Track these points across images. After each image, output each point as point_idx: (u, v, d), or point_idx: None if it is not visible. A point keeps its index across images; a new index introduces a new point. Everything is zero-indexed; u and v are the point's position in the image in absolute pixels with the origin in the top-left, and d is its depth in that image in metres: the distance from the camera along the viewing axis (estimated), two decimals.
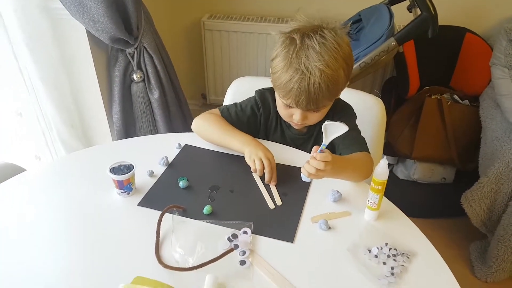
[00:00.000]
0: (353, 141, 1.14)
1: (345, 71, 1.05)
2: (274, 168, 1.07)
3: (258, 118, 1.24)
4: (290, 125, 1.21)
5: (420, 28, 1.60)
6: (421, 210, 2.07)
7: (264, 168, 1.05)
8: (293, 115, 1.11)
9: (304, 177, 1.03)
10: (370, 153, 1.13)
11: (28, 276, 0.84)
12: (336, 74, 1.01)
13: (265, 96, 1.22)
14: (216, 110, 1.23)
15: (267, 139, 1.25)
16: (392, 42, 1.63)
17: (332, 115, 1.16)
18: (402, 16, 1.87)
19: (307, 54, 0.99)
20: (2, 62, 1.60)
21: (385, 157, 0.91)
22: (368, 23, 1.88)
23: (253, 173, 1.09)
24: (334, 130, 0.94)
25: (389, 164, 2.28)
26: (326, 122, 0.93)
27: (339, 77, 1.03)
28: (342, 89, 1.10)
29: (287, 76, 1.02)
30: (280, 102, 1.13)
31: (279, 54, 1.05)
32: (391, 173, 2.29)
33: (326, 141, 0.94)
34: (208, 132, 1.19)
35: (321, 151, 0.93)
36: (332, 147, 1.20)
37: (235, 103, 1.25)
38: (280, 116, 1.20)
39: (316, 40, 0.99)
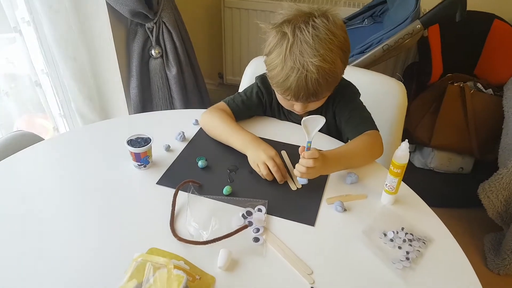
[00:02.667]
0: (356, 121, 1.12)
1: (342, 59, 1.01)
2: (281, 166, 1.01)
3: (263, 104, 1.22)
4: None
5: (448, 10, 1.54)
6: (437, 199, 2.00)
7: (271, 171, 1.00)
8: (294, 105, 1.09)
9: (301, 180, 0.97)
10: (376, 129, 1.11)
11: (43, 246, 0.85)
12: (333, 66, 0.97)
13: (267, 83, 1.17)
14: (222, 104, 1.19)
15: None
16: (417, 25, 1.58)
17: (333, 97, 1.13)
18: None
19: (301, 50, 0.94)
20: (22, 31, 1.60)
21: (406, 140, 0.89)
22: (393, 5, 1.83)
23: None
24: (314, 124, 0.93)
25: None
26: (304, 118, 0.93)
27: (337, 68, 0.99)
28: (341, 76, 1.06)
29: (283, 74, 0.98)
30: (279, 95, 1.10)
31: (272, 50, 1.01)
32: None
33: (309, 137, 0.94)
34: (212, 130, 1.14)
35: (308, 149, 0.94)
36: (338, 133, 1.19)
37: (238, 92, 1.23)
38: None
39: (309, 32, 0.94)
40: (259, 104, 1.21)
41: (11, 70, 1.65)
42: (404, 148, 0.88)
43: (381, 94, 1.37)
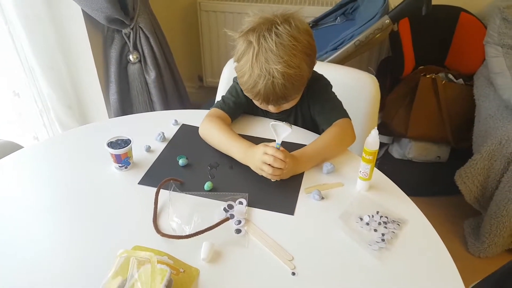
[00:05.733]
0: (328, 112, 1.16)
1: (308, 62, 1.05)
2: (276, 162, 0.98)
3: (249, 100, 1.25)
4: None
5: (414, 5, 1.60)
6: (416, 189, 2.06)
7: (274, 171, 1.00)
8: (268, 106, 1.13)
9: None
10: (347, 116, 1.15)
11: (28, 249, 0.87)
12: (298, 70, 1.01)
13: None
14: (215, 110, 1.20)
15: None
16: (386, 20, 1.64)
17: (307, 90, 1.16)
18: None
19: (266, 57, 0.98)
20: None
21: (375, 127, 0.93)
22: (363, 1, 1.89)
23: None
24: (282, 129, 0.99)
25: (384, 144, 2.30)
26: (272, 123, 0.98)
27: (303, 71, 1.03)
28: (308, 77, 1.09)
29: (251, 81, 1.02)
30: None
31: (241, 57, 1.05)
32: (386, 153, 2.33)
33: (278, 140, 0.99)
34: (211, 142, 1.15)
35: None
36: (314, 124, 1.23)
37: (225, 95, 1.25)
38: None
39: (272, 40, 0.98)
40: (245, 101, 1.23)
41: None
42: (374, 135, 0.92)
43: (354, 88, 1.40)
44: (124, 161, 1.04)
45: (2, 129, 1.71)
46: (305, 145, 1.10)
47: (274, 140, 1.01)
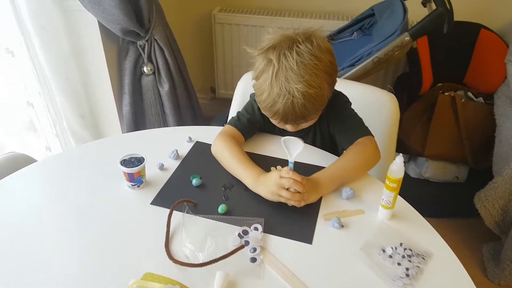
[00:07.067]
0: (349, 130, 1.12)
1: (329, 81, 1.01)
2: (295, 185, 0.94)
3: (264, 119, 1.21)
4: None
5: (435, 23, 1.56)
6: (433, 210, 2.01)
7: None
8: (286, 125, 1.09)
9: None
10: (369, 133, 1.11)
11: (36, 268, 0.84)
12: (319, 90, 0.97)
13: None
14: (229, 128, 1.17)
15: None
16: (406, 37, 1.60)
17: (325, 109, 1.10)
18: (416, 11, 1.83)
19: (287, 76, 0.95)
20: (14, 52, 1.60)
21: (400, 154, 0.88)
22: (381, 17, 1.85)
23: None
24: (294, 146, 0.95)
25: None
26: (283, 138, 0.95)
27: (323, 91, 0.99)
28: (329, 97, 1.05)
29: (270, 99, 0.98)
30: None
31: (260, 75, 1.01)
32: None
33: (291, 158, 0.95)
34: (221, 162, 1.11)
35: (290, 169, 0.95)
36: (334, 143, 1.19)
37: (240, 112, 1.21)
38: None
39: (293, 58, 0.94)
40: (261, 119, 1.20)
41: (4, 90, 1.64)
42: (398, 162, 0.87)
43: (373, 106, 1.37)
44: (136, 180, 1.01)
45: (15, 138, 1.70)
46: (323, 167, 1.05)
47: (287, 162, 0.97)
